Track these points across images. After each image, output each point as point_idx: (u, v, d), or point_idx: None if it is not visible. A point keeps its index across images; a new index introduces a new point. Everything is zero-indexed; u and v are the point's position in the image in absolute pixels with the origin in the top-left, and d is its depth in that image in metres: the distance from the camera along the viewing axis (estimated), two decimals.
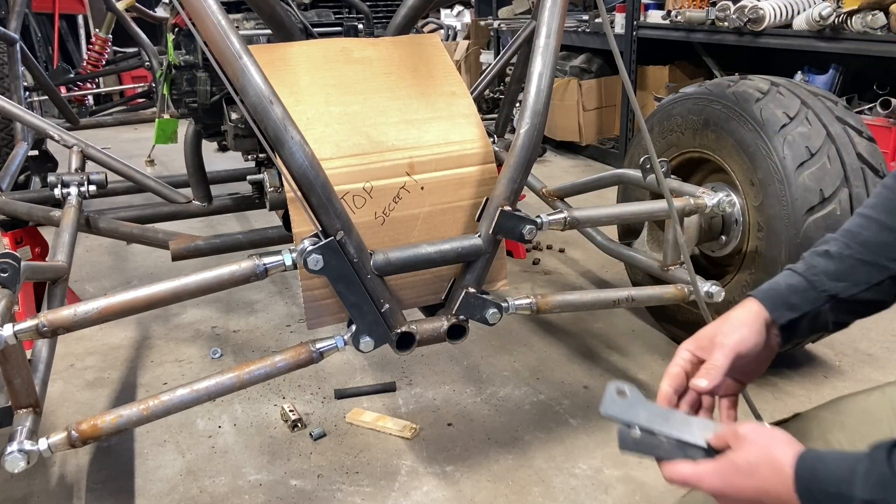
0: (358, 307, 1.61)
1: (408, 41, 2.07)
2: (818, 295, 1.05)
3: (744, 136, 2.13)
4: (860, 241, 1.05)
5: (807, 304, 1.04)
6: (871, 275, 1.03)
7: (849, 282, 1.04)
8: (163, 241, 2.44)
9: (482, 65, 6.42)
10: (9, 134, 3.41)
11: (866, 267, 1.04)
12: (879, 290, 1.04)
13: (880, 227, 1.04)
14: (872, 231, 1.05)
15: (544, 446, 2.08)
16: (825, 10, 3.36)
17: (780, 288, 1.07)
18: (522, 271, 3.34)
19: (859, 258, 1.04)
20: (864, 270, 1.04)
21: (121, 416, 1.48)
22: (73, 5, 5.80)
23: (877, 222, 1.05)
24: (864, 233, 1.06)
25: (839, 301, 1.04)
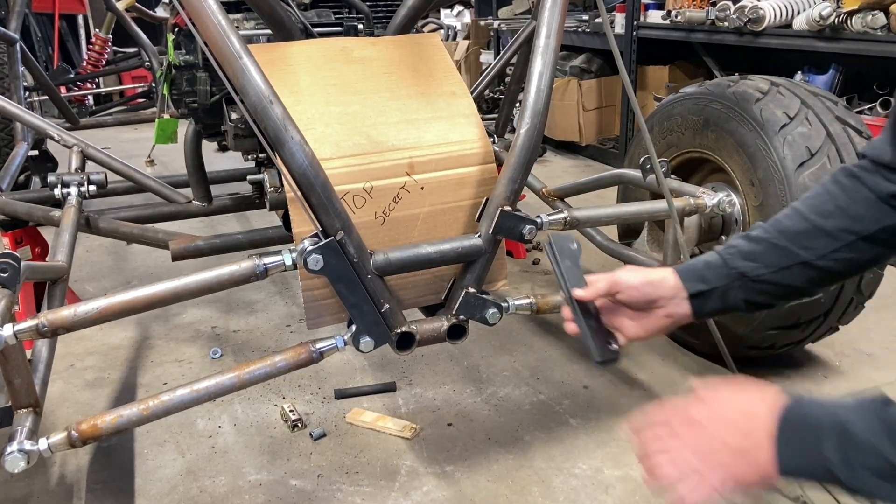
0: (358, 307, 1.61)
1: (408, 40, 2.07)
2: (728, 272, 1.13)
3: (744, 136, 2.13)
4: (779, 227, 1.13)
5: (717, 279, 1.13)
6: (780, 258, 1.11)
7: (759, 262, 1.11)
8: (163, 241, 2.44)
9: (482, 65, 6.41)
10: (9, 134, 3.42)
11: (777, 251, 1.11)
12: (788, 274, 1.11)
13: (800, 218, 1.12)
14: (793, 220, 1.12)
15: (544, 446, 2.08)
16: (825, 10, 3.36)
17: (698, 263, 1.16)
18: (522, 271, 3.34)
19: (773, 242, 1.12)
20: (774, 253, 1.11)
21: (121, 416, 1.49)
22: (73, 5, 5.80)
23: (799, 213, 1.12)
24: (786, 221, 1.13)
25: (748, 280, 1.12)
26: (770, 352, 2.28)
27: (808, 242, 1.09)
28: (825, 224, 1.09)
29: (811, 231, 1.10)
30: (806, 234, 1.10)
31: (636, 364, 2.50)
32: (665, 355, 2.54)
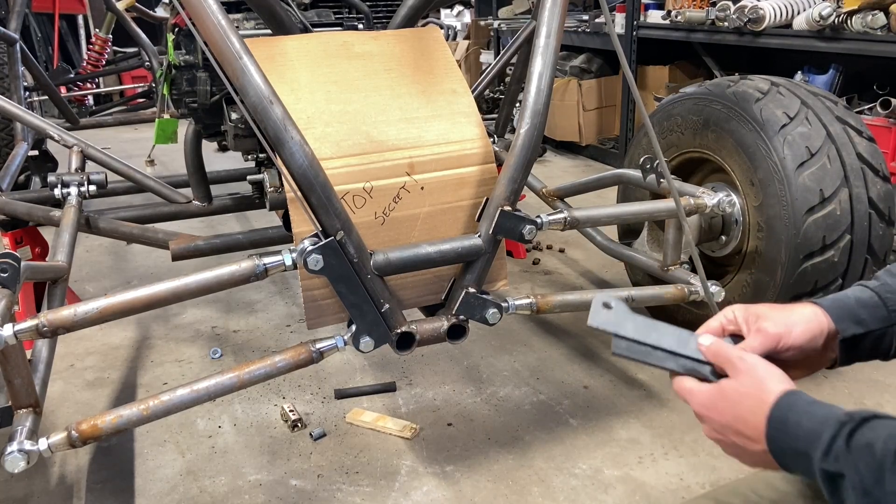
0: (358, 307, 1.61)
1: (409, 35, 2.07)
2: (888, 314, 1.00)
3: (744, 136, 2.13)
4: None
5: (875, 321, 1.00)
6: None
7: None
8: (163, 241, 2.44)
9: (482, 65, 6.41)
10: (9, 134, 3.42)
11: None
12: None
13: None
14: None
15: (544, 446, 2.08)
16: (825, 10, 3.35)
17: (849, 301, 1.02)
18: (522, 271, 3.34)
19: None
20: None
21: (121, 416, 1.49)
22: (73, 5, 5.80)
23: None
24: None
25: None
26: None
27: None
28: None
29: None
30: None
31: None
32: None
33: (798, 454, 0.83)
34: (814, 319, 1.00)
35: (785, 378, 0.90)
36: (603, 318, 0.96)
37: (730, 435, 0.91)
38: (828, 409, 0.83)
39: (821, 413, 0.83)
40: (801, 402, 0.85)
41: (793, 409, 0.85)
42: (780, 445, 0.85)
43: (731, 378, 0.91)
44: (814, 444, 0.81)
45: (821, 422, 0.82)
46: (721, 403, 0.91)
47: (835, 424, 0.80)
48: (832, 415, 0.82)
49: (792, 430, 0.84)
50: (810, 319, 1.00)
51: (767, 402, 0.86)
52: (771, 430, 0.85)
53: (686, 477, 1.94)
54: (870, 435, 0.77)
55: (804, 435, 0.82)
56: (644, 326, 0.97)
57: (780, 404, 0.86)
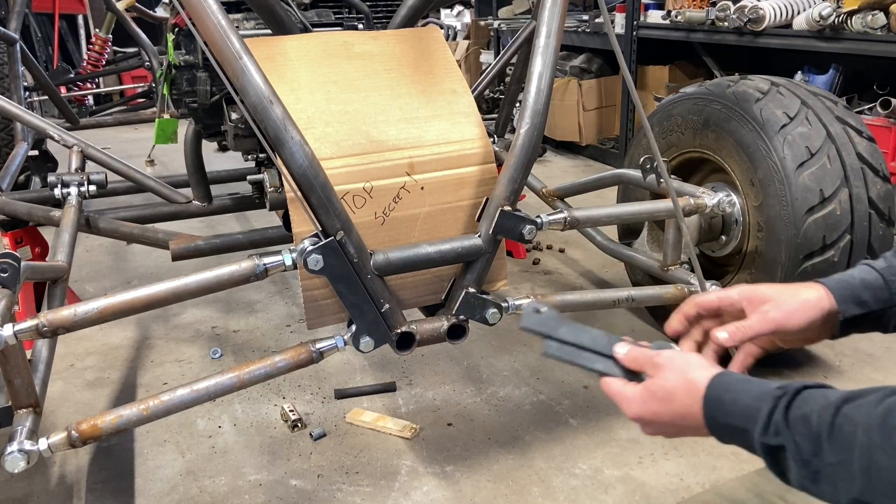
0: (358, 307, 1.61)
1: (409, 34, 2.07)
2: (890, 296, 1.02)
3: (744, 136, 2.13)
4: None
5: (877, 303, 1.03)
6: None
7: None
8: (163, 241, 2.44)
9: (482, 65, 6.41)
10: (9, 134, 3.42)
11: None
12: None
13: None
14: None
15: (544, 446, 2.08)
16: (825, 10, 3.35)
17: (854, 282, 1.05)
18: (522, 271, 3.34)
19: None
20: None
21: (121, 416, 1.49)
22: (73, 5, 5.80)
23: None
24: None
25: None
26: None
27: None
28: None
29: None
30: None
31: None
32: None
33: (736, 431, 0.85)
34: (816, 305, 1.03)
35: (705, 362, 0.93)
36: (534, 320, 1.01)
37: (671, 429, 0.94)
38: (761, 385, 0.86)
39: (755, 389, 0.86)
40: (733, 381, 0.88)
41: (728, 389, 0.87)
42: (719, 423, 0.87)
43: (655, 377, 0.94)
44: (752, 419, 0.83)
45: (756, 397, 0.84)
46: (654, 405, 0.93)
47: (771, 399, 0.83)
48: (767, 390, 0.85)
49: (728, 407, 0.86)
50: (814, 305, 1.02)
51: (699, 388, 0.89)
52: (708, 410, 0.88)
53: (686, 477, 1.94)
54: (805, 408, 0.80)
55: (741, 412, 0.85)
56: (574, 330, 1.01)
57: (714, 385, 0.89)
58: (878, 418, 0.75)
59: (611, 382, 0.99)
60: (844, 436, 0.76)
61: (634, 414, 0.96)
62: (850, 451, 0.75)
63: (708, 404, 0.88)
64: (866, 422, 0.75)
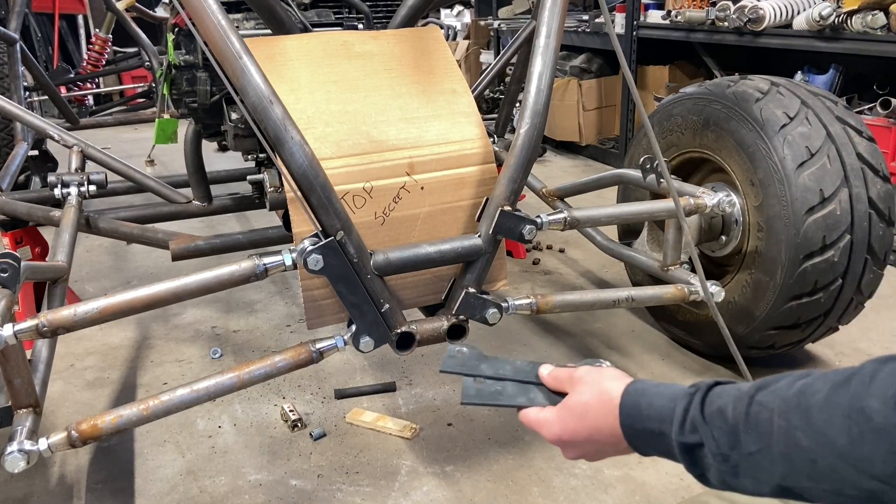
0: (358, 307, 1.61)
1: (409, 34, 2.07)
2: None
3: (744, 136, 2.13)
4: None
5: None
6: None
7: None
8: (163, 241, 2.44)
9: (482, 65, 6.42)
10: (9, 134, 3.42)
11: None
12: None
13: None
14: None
15: (544, 446, 2.08)
16: (825, 10, 3.35)
17: None
18: (522, 271, 3.34)
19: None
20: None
21: (121, 416, 1.49)
22: (73, 5, 5.80)
23: None
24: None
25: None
26: (770, 352, 2.28)
27: None
28: None
29: None
30: None
31: (636, 364, 2.50)
32: (665, 355, 2.54)
33: (653, 435, 0.85)
34: None
35: (621, 374, 0.93)
36: (452, 363, 1.02)
37: (590, 447, 0.93)
38: (675, 387, 0.87)
39: (669, 391, 0.86)
40: (647, 387, 0.88)
41: (643, 395, 0.88)
42: (636, 430, 0.87)
43: (572, 393, 0.94)
44: (667, 420, 0.83)
45: (671, 398, 0.85)
46: (571, 422, 0.93)
47: (685, 397, 0.83)
48: (680, 390, 0.85)
49: (645, 412, 0.86)
50: None
51: (614, 398, 0.89)
52: (624, 418, 0.88)
53: (686, 477, 1.93)
54: (719, 402, 0.80)
55: (657, 414, 0.85)
56: (495, 364, 1.02)
57: (629, 392, 0.89)
58: (794, 399, 0.74)
59: (527, 413, 0.99)
60: (761, 423, 0.75)
61: (553, 435, 0.95)
62: (769, 438, 0.74)
63: (623, 413, 0.88)
64: (781, 405, 0.75)
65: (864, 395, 0.70)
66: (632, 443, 0.89)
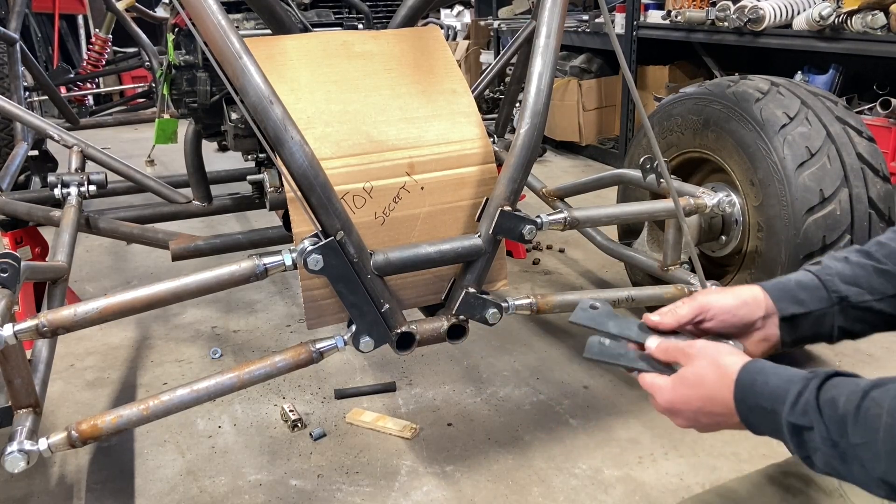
0: (358, 307, 1.61)
1: (409, 34, 2.07)
2: (828, 295, 1.02)
3: (744, 136, 2.13)
4: (885, 252, 1.02)
5: (814, 302, 1.03)
6: (886, 286, 1.00)
7: (862, 287, 1.01)
8: (163, 241, 2.44)
9: (482, 65, 6.41)
10: (9, 134, 3.41)
11: (883, 276, 1.01)
12: (893, 304, 1.00)
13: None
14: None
15: (544, 446, 2.08)
16: (825, 10, 3.35)
17: (790, 283, 1.05)
18: (522, 271, 3.34)
19: (879, 267, 1.01)
20: (880, 280, 1.01)
21: (121, 416, 1.48)
22: (73, 5, 5.80)
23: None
24: (891, 244, 1.01)
25: (849, 306, 1.01)
26: (770, 351, 2.28)
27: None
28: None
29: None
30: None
31: None
32: None
33: (765, 412, 0.86)
34: (749, 294, 1.04)
35: (736, 350, 0.95)
36: (587, 316, 1.05)
37: (702, 418, 0.94)
38: (793, 370, 0.88)
39: (786, 373, 0.87)
40: (766, 366, 0.89)
41: (760, 372, 0.89)
42: (749, 405, 0.88)
43: (686, 365, 0.95)
44: (781, 399, 0.84)
45: (787, 380, 0.86)
46: (685, 391, 0.94)
47: (801, 381, 0.84)
48: (798, 373, 0.86)
49: (760, 389, 0.87)
50: (747, 294, 1.04)
51: (731, 373, 0.90)
52: (738, 392, 0.89)
53: (686, 477, 1.94)
54: (833, 392, 0.81)
55: (771, 393, 0.86)
56: (621, 324, 1.04)
57: (747, 369, 0.90)
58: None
59: (644, 377, 1.00)
60: (870, 418, 0.77)
61: (665, 401, 0.96)
62: (875, 433, 0.76)
63: (739, 387, 0.89)
64: (891, 404, 0.76)
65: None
66: (744, 418, 0.89)
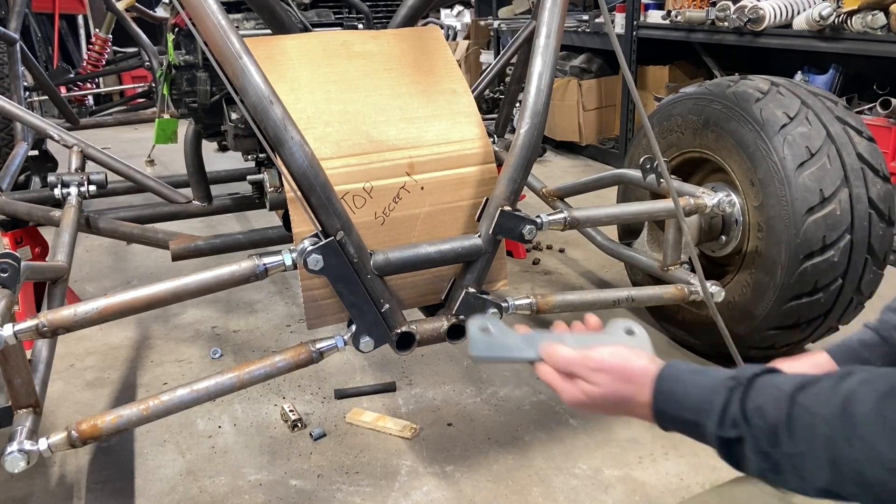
0: (358, 307, 1.61)
1: (410, 34, 2.07)
2: (890, 349, 1.03)
3: (744, 136, 2.13)
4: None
5: (878, 358, 1.04)
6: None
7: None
8: (163, 241, 2.44)
9: (482, 65, 6.41)
10: (9, 134, 3.42)
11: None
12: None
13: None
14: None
15: (544, 446, 2.08)
16: (825, 10, 3.35)
17: (853, 343, 1.07)
18: (522, 271, 3.34)
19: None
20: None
21: (121, 416, 1.49)
22: (73, 5, 5.80)
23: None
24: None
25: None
26: (770, 352, 2.28)
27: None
28: None
29: None
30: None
31: None
32: (665, 355, 2.52)
33: (688, 424, 0.86)
34: (822, 359, 1.06)
35: (641, 352, 0.96)
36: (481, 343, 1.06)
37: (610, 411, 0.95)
38: (711, 375, 0.87)
39: (706, 382, 0.86)
40: (683, 373, 0.89)
41: (677, 381, 0.88)
42: (669, 416, 0.88)
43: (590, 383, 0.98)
44: (705, 412, 0.84)
45: (709, 390, 0.85)
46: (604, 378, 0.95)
47: (724, 391, 0.84)
48: (717, 380, 0.85)
49: (680, 400, 0.87)
50: (818, 360, 1.06)
51: (645, 381, 0.90)
52: (657, 402, 0.89)
53: (686, 477, 1.94)
54: (759, 400, 0.81)
55: (693, 405, 0.85)
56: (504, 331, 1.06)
57: (664, 377, 0.90)
58: (837, 408, 0.75)
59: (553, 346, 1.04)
60: (803, 427, 0.76)
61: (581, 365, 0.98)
62: (812, 443, 0.75)
63: (657, 396, 0.89)
64: (825, 412, 0.75)
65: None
66: (661, 425, 0.89)
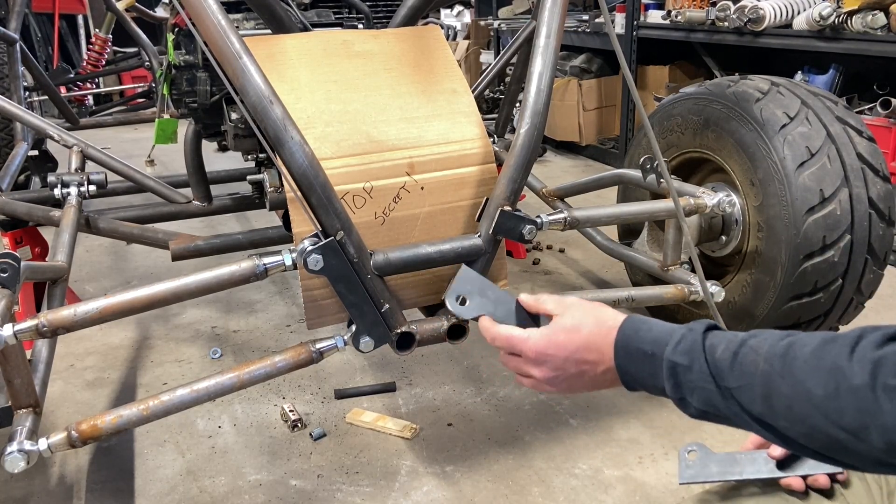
0: (358, 307, 1.61)
1: (410, 33, 2.07)
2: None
3: (744, 136, 2.13)
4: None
5: None
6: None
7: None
8: (163, 241, 2.44)
9: (482, 65, 6.41)
10: (9, 134, 3.41)
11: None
12: None
13: None
14: None
15: (544, 446, 2.08)
16: (825, 10, 3.35)
17: None
18: (522, 271, 3.34)
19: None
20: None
21: (121, 416, 1.48)
22: (73, 5, 5.79)
23: None
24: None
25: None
26: None
27: None
28: None
29: None
30: None
31: None
32: None
33: (645, 356, 0.91)
34: None
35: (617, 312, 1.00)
36: None
37: (570, 367, 0.97)
38: (675, 325, 0.93)
39: (671, 326, 0.93)
40: (651, 320, 0.94)
41: (644, 322, 0.94)
42: (629, 350, 0.92)
43: (563, 315, 0.99)
44: (664, 342, 0.89)
45: (671, 329, 0.92)
46: (561, 336, 0.97)
47: (684, 328, 0.90)
48: (679, 326, 0.92)
49: (643, 335, 0.92)
50: None
51: (612, 323, 0.95)
52: (620, 340, 0.93)
53: None
54: (714, 340, 0.87)
55: (654, 339, 0.91)
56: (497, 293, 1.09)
57: (633, 319, 0.95)
58: (782, 348, 0.80)
59: (508, 328, 1.05)
60: (746, 364, 0.82)
61: (534, 349, 0.98)
62: (752, 378, 0.80)
63: (621, 335, 0.93)
64: (769, 351, 0.81)
65: (846, 356, 0.75)
66: (620, 363, 0.93)
